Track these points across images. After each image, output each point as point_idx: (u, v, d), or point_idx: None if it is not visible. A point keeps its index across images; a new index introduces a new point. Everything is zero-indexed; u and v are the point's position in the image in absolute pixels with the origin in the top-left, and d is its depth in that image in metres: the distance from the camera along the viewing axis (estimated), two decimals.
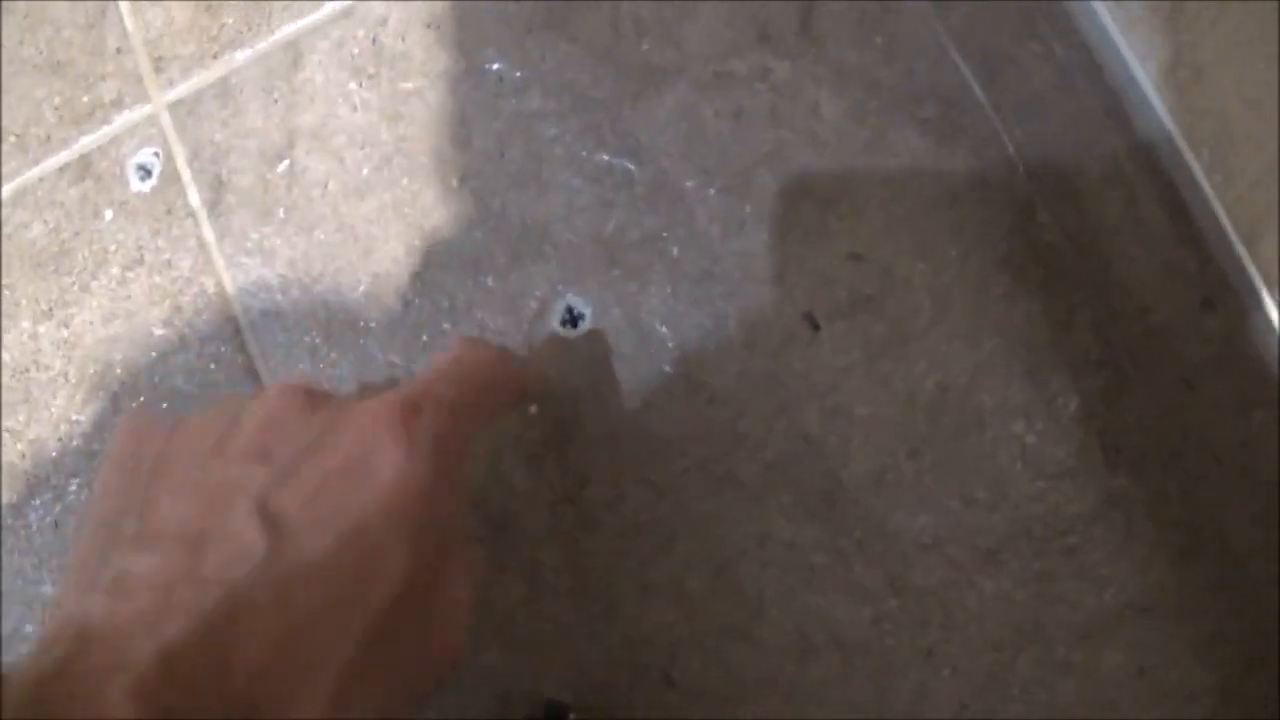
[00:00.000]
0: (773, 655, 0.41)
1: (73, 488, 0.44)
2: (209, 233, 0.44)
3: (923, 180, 0.42)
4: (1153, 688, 0.41)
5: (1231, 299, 0.38)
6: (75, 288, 0.45)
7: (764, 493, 0.42)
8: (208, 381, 0.44)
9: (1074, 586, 0.41)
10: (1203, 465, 0.41)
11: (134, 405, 0.44)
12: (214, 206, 0.44)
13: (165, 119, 0.45)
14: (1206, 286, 0.39)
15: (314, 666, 0.25)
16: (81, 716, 0.22)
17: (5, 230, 0.46)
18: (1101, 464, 0.42)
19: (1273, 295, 0.36)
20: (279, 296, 0.43)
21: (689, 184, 0.42)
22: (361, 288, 0.43)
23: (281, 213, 0.44)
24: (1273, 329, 0.37)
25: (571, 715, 0.40)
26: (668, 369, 0.42)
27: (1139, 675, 0.41)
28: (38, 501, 0.44)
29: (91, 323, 0.45)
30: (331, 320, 0.43)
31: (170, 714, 0.22)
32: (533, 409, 0.42)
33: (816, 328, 0.42)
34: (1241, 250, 0.37)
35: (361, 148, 0.44)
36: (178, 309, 0.44)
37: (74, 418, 0.45)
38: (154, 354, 0.44)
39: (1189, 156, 0.38)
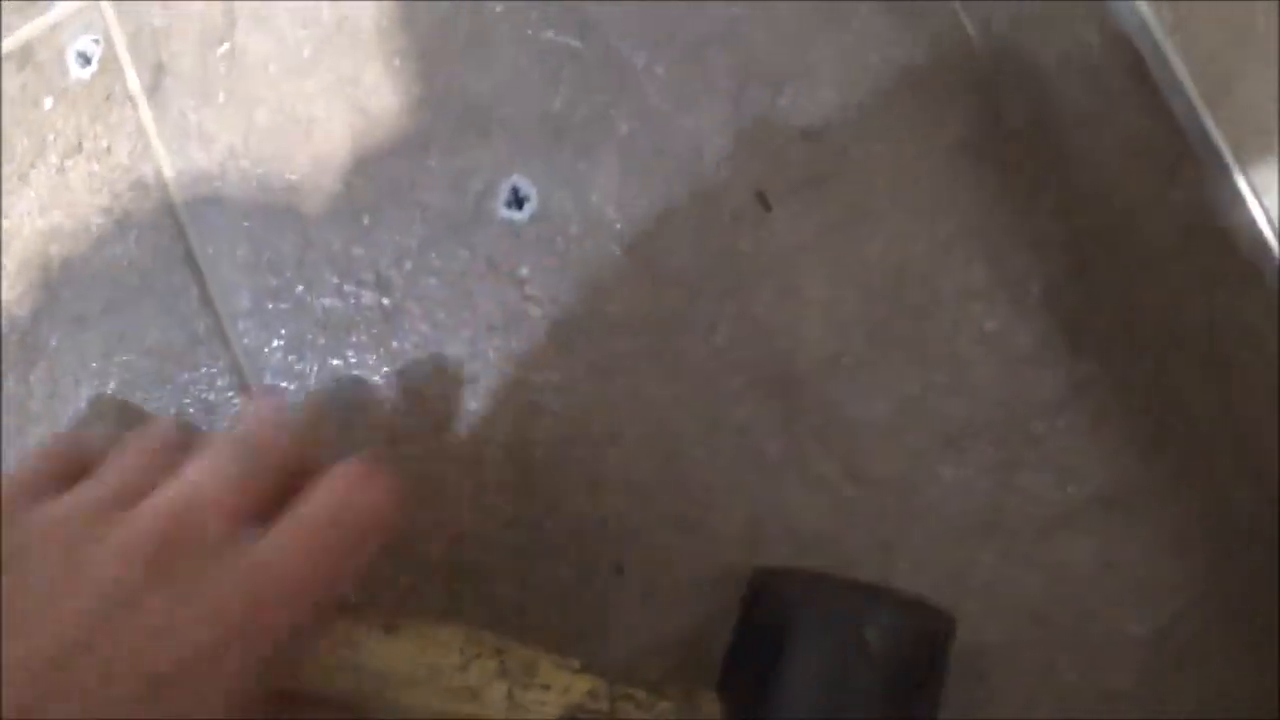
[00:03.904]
0: (725, 547, 0.40)
1: (9, 383, 0.43)
2: (148, 118, 0.43)
3: (881, 58, 0.41)
4: (1122, 583, 0.39)
5: (1196, 167, 0.37)
6: (14, 178, 0.44)
7: (715, 377, 0.40)
8: (146, 270, 0.43)
9: (1039, 477, 0.40)
10: (1169, 349, 0.40)
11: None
12: (154, 91, 0.43)
13: (106, 4, 0.44)
14: (1171, 156, 0.38)
15: None
16: None
17: None
18: (1066, 349, 0.40)
19: (1237, 158, 0.35)
20: (219, 182, 0.42)
21: (638, 60, 0.41)
22: (303, 170, 0.42)
23: (222, 96, 0.43)
24: (1238, 194, 0.35)
25: None
26: (616, 250, 0.41)
27: (1106, 569, 0.40)
28: None
29: (29, 213, 0.44)
30: (271, 204, 0.42)
31: None
32: None
33: (769, 207, 0.40)
34: (1205, 113, 0.36)
35: (303, 27, 0.42)
36: (116, 196, 0.43)
37: (13, 312, 0.44)
38: (92, 244, 0.43)
39: (1150, 18, 0.36)
